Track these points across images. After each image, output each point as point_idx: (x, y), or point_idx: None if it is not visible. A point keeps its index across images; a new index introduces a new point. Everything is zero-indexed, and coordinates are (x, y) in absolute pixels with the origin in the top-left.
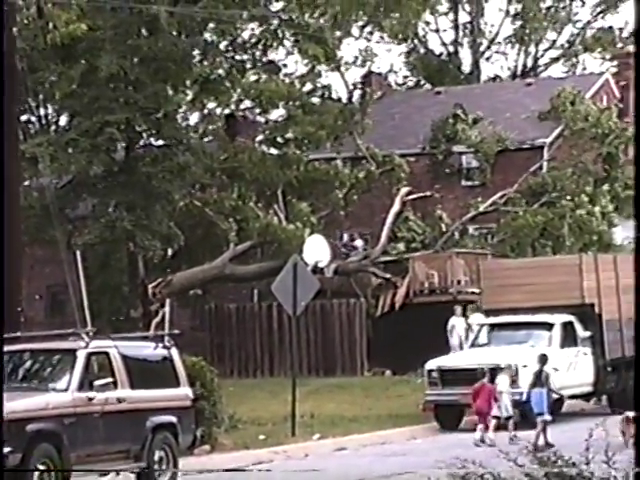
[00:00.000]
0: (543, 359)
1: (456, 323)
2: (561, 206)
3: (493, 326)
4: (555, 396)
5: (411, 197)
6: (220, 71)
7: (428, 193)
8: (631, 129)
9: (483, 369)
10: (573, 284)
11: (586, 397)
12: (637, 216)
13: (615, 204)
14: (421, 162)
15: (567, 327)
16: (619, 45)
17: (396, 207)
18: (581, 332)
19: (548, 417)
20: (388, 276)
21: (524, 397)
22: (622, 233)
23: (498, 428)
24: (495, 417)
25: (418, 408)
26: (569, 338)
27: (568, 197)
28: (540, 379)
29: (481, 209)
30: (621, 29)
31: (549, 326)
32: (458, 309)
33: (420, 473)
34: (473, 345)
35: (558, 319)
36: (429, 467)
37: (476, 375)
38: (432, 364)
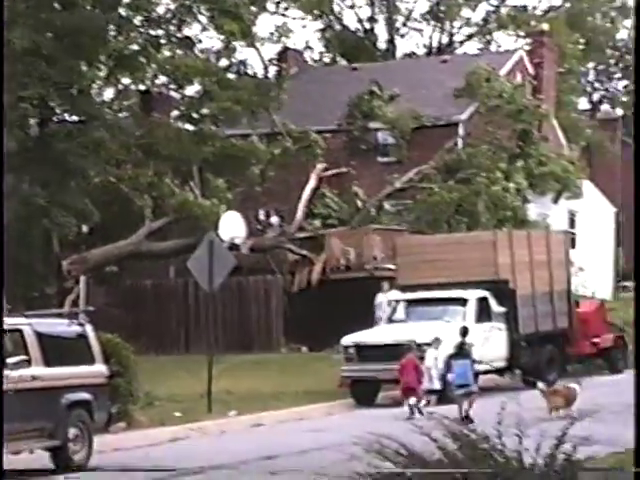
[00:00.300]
0: (464, 331)
1: (383, 300)
2: (476, 182)
3: (409, 302)
4: (484, 367)
5: (327, 173)
6: (135, 46)
7: (344, 169)
8: (544, 106)
9: (403, 345)
10: (488, 260)
11: (500, 372)
12: (637, 216)
13: (529, 180)
14: (337, 138)
15: (482, 303)
16: (533, 23)
17: (312, 183)
18: (495, 307)
19: (474, 388)
20: (304, 252)
21: (446, 371)
22: (536, 209)
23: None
24: (430, 391)
25: (334, 384)
26: (484, 313)
27: (483, 173)
28: (463, 351)
29: (397, 185)
30: (535, 7)
31: (464, 302)
32: (385, 285)
33: (337, 449)
34: (389, 321)
35: (473, 295)
36: (346, 443)
37: (392, 351)
38: (348, 340)
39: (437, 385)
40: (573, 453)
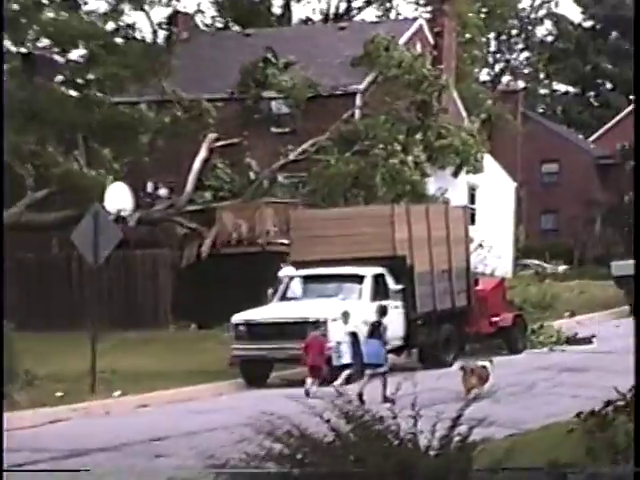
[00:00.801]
0: (382, 310)
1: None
2: (374, 155)
3: (303, 279)
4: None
5: (219, 144)
6: (15, 6)
7: (237, 140)
8: (444, 76)
9: (297, 323)
10: (385, 235)
11: (397, 351)
12: (637, 215)
13: (428, 153)
14: (230, 107)
15: (378, 280)
16: None
17: (203, 154)
18: (392, 285)
19: (386, 368)
20: (194, 226)
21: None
22: (435, 183)
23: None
24: (340, 367)
25: (224, 364)
26: (380, 291)
27: (381, 145)
28: (378, 330)
29: (291, 157)
30: None
31: (360, 278)
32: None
33: (227, 430)
34: (282, 298)
35: (369, 271)
36: (236, 423)
37: (284, 329)
38: (239, 317)
39: (347, 359)
40: (468, 435)
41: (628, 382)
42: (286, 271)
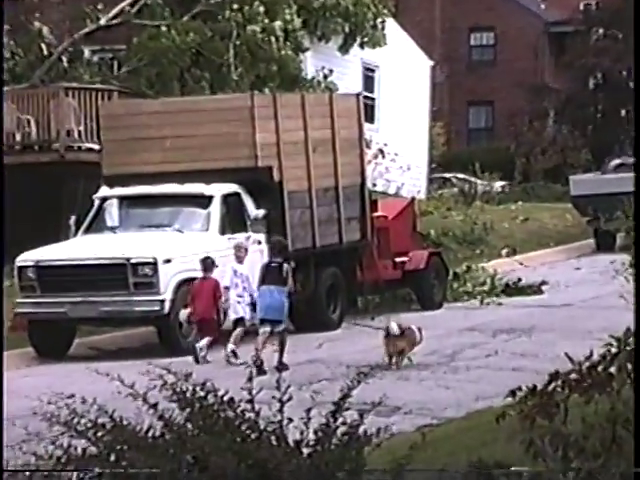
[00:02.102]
0: (280, 246)
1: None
2: (224, 19)
3: (121, 201)
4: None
5: None
6: None
7: None
8: None
9: (112, 265)
10: (240, 138)
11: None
12: (637, 214)
13: (304, 17)
14: None
15: (231, 202)
16: None
17: None
18: (252, 210)
19: (285, 325)
20: None
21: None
22: (314, 61)
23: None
24: (236, 321)
25: (6, 326)
26: (235, 219)
27: (235, 5)
28: (279, 274)
29: (103, 21)
30: None
31: (205, 201)
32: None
33: (7, 421)
34: (89, 230)
35: (218, 190)
36: (21, 412)
37: (94, 275)
38: (25, 258)
39: (236, 313)
40: (359, 424)
41: (588, 347)
42: (100, 191)
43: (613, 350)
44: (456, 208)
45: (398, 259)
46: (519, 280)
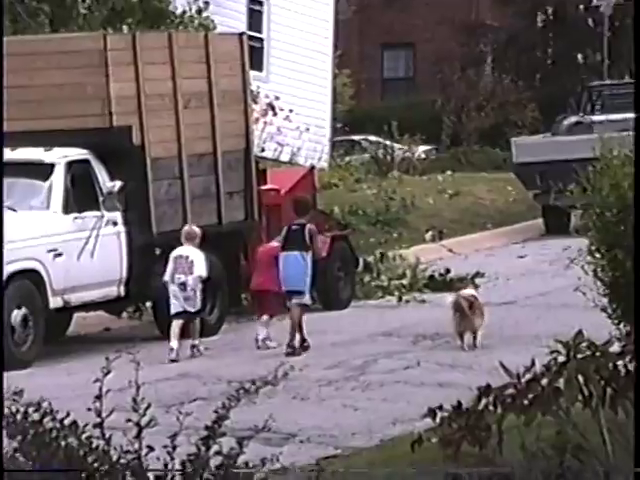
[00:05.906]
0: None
1: None
2: None
3: None
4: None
5: None
6: None
7: None
8: None
9: None
10: (89, 90)
11: (111, 308)
12: (637, 213)
13: None
14: None
15: (78, 172)
16: None
17: None
18: (106, 181)
19: (307, 300)
20: None
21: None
22: None
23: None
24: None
25: None
26: (83, 193)
27: None
28: (302, 238)
29: None
30: None
31: (44, 170)
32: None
33: None
34: None
35: (61, 156)
36: None
37: None
38: None
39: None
40: (238, 454)
41: (530, 355)
42: None
43: (561, 359)
44: (367, 179)
45: None
46: (447, 271)
